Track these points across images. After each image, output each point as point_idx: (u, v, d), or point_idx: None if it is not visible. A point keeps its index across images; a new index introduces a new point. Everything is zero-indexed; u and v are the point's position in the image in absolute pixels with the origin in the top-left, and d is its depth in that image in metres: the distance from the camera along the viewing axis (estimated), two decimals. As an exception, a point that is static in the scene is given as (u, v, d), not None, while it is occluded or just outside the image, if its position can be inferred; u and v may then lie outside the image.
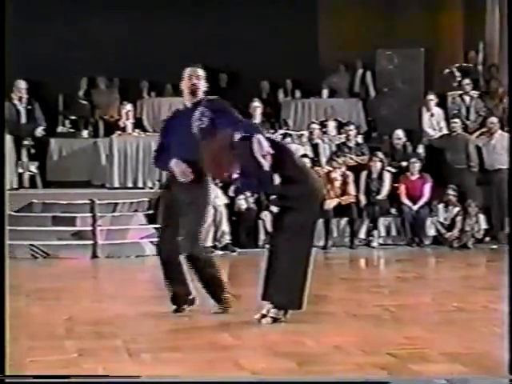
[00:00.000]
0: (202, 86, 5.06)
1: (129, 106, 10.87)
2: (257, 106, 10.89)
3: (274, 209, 9.30)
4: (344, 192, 9.59)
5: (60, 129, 11.57)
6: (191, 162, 4.86)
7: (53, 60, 11.49)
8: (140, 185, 10.20)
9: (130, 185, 10.18)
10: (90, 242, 8.76)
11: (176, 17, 12.29)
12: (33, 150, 10.34)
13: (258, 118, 11.09)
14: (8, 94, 10.39)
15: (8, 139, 9.99)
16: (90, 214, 9.09)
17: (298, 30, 12.26)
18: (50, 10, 11.96)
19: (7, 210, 9.13)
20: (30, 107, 10.42)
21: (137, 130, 10.66)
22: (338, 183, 9.62)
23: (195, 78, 5.04)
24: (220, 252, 9.04)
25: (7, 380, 3.26)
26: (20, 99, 10.41)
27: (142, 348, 4.09)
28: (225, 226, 9.17)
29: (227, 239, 9.17)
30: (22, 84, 10.49)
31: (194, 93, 5.03)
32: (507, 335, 3.82)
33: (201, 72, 5.10)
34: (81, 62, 11.52)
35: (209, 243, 9.10)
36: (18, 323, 4.77)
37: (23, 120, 10.38)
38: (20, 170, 10.16)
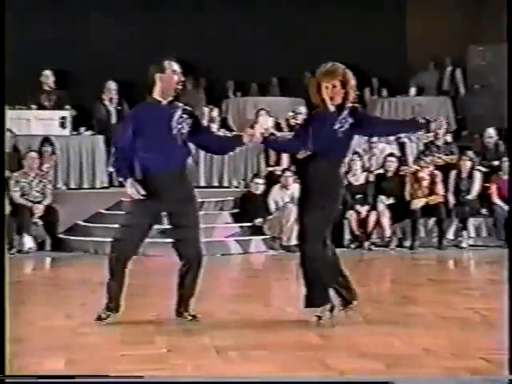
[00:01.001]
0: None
1: (215, 112, 11.00)
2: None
3: (359, 208, 9.31)
4: (432, 192, 9.39)
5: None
6: (172, 164, 4.64)
7: (142, 61, 11.71)
8: (225, 184, 10.29)
9: (215, 184, 10.29)
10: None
11: (263, 17, 12.33)
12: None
13: (343, 117, 11.01)
14: (99, 95, 10.71)
15: (99, 139, 10.29)
16: (177, 213, 9.22)
17: (385, 28, 12.10)
18: (139, 10, 12.21)
19: (100, 209, 9.48)
20: (119, 107, 10.69)
21: (222, 130, 10.74)
22: (425, 183, 9.43)
23: (181, 75, 4.70)
24: (305, 251, 9.01)
25: (7, 380, 3.29)
26: (110, 100, 10.70)
27: (230, 346, 4.11)
28: (310, 226, 9.12)
29: (312, 238, 9.12)
30: (112, 85, 10.77)
31: (175, 91, 4.67)
32: (507, 335, 3.79)
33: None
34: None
35: (293, 242, 9.09)
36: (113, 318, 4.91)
37: (113, 120, 10.65)
38: (110, 169, 10.41)
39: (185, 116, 4.71)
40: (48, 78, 10.95)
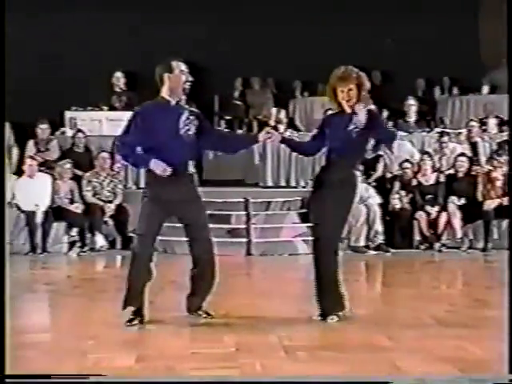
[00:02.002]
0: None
1: (282, 114, 10.98)
2: (411, 104, 10.66)
3: (429, 209, 9.15)
4: (506, 192, 9.14)
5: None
6: (177, 164, 4.65)
7: (208, 61, 11.80)
8: (293, 184, 10.26)
9: (282, 184, 10.27)
10: (245, 239, 8.91)
11: (329, 17, 12.26)
12: (190, 150, 10.70)
13: (412, 116, 10.84)
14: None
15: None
16: (244, 213, 9.27)
17: (456, 27, 11.86)
18: (204, 11, 12.29)
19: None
20: (187, 108, 10.79)
21: (289, 130, 10.72)
22: (499, 183, 9.18)
23: (188, 75, 4.74)
24: (373, 252, 8.92)
25: (7, 380, 3.30)
26: (179, 101, 10.82)
27: (298, 346, 4.08)
28: (378, 226, 9.03)
29: (381, 239, 9.02)
30: (180, 86, 10.89)
31: (183, 90, 4.73)
32: (507, 335, 3.74)
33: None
34: (235, 63, 11.76)
35: (361, 243, 9.00)
36: (180, 316, 4.95)
37: (181, 121, 10.77)
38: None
39: (192, 118, 4.75)
40: (119, 79, 11.16)
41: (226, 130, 11.89)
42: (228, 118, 12.06)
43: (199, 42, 12.01)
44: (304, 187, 10.09)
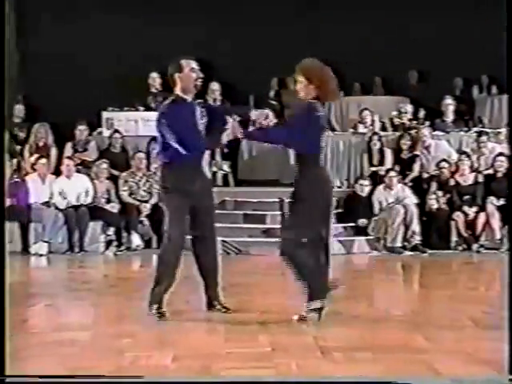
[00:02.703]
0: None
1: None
2: (449, 104, 10.55)
3: (467, 209, 9.03)
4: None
5: (251, 129, 11.85)
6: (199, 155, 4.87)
7: (244, 61, 11.81)
8: (328, 184, 10.19)
9: (318, 184, 10.20)
10: (280, 239, 8.87)
11: (366, 16, 12.18)
12: (226, 150, 10.74)
13: (450, 116, 10.72)
14: (203, 96, 10.89)
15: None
16: (279, 212, 9.24)
17: (495, 25, 11.67)
18: (241, 13, 12.31)
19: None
20: (223, 108, 10.84)
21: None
22: (539, 183, 9.03)
23: (199, 72, 4.87)
24: (409, 253, 8.84)
25: (7, 380, 3.31)
26: (214, 100, 10.86)
27: (334, 346, 4.06)
28: (415, 226, 8.94)
29: (417, 239, 8.93)
30: (215, 86, 10.94)
31: (195, 87, 4.87)
32: (507, 335, 3.70)
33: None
34: (271, 63, 11.75)
35: (398, 243, 8.93)
36: (215, 315, 4.96)
37: (217, 121, 10.80)
38: (214, 169, 10.58)
39: (203, 111, 4.90)
40: (155, 80, 11.22)
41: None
42: (263, 118, 12.03)
43: (235, 43, 12.04)
44: (339, 187, 10.04)
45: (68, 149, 10.14)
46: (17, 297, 5.90)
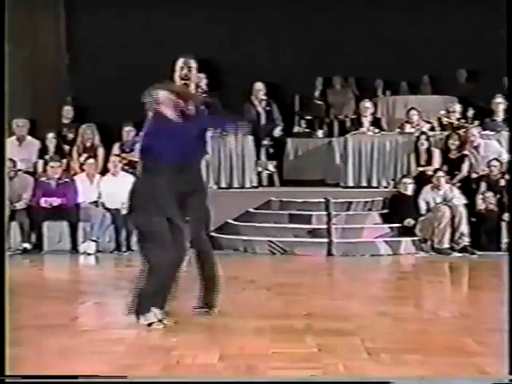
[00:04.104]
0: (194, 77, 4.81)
1: (368, 104, 10.79)
2: (499, 102, 10.36)
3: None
4: None
5: (296, 129, 11.85)
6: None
7: (289, 61, 11.79)
8: (374, 184, 10.13)
9: (364, 184, 10.15)
10: (325, 239, 8.86)
11: (414, 16, 12.06)
12: (271, 150, 10.74)
13: (500, 115, 10.53)
14: (248, 97, 10.90)
15: (249, 139, 10.47)
16: (324, 213, 9.21)
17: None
18: (288, 13, 12.28)
19: (249, 208, 9.65)
20: (268, 108, 10.84)
21: (371, 129, 10.58)
22: None
23: (187, 69, 4.80)
24: (458, 254, 8.70)
25: (7, 380, 3.30)
26: (259, 101, 10.87)
27: (381, 348, 4.01)
28: (464, 227, 8.80)
29: (466, 241, 8.79)
30: (260, 86, 10.93)
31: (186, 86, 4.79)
32: (507, 335, 3.66)
33: (193, 63, 4.82)
34: (316, 62, 11.70)
35: (445, 245, 8.80)
36: (261, 315, 4.96)
37: (262, 121, 10.82)
38: (259, 169, 10.58)
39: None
40: (201, 80, 11.26)
41: (307, 130, 11.87)
42: (308, 117, 12.01)
43: (284, 43, 12.01)
44: (386, 187, 9.95)
45: (116, 149, 10.27)
46: (67, 294, 6.01)
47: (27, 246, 9.11)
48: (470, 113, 10.53)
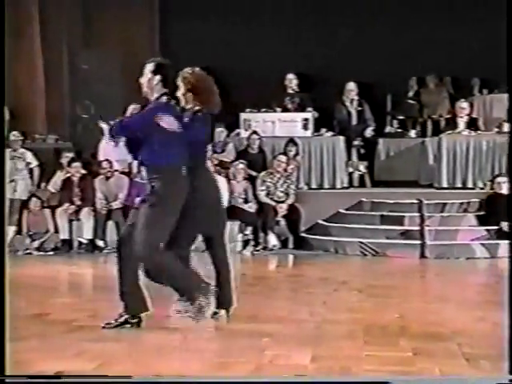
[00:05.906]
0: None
1: (464, 104, 10.51)
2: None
3: None
4: None
5: (388, 129, 11.66)
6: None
7: (382, 61, 11.62)
8: (470, 185, 9.85)
9: (458, 185, 9.89)
10: (418, 241, 8.67)
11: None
12: (362, 150, 10.63)
13: None
14: (340, 97, 10.82)
15: (340, 140, 10.39)
16: (417, 214, 9.02)
17: None
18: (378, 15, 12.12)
19: (339, 208, 9.58)
20: (360, 108, 10.73)
21: (467, 130, 10.27)
22: None
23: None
24: None
25: (7, 380, 3.28)
26: (351, 101, 10.77)
27: (479, 354, 3.88)
28: None
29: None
30: (352, 86, 10.83)
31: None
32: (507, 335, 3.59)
33: (150, 67, 4.76)
34: (410, 62, 11.48)
35: None
36: (354, 317, 4.90)
37: (354, 121, 10.72)
38: (350, 170, 10.49)
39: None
40: (291, 81, 11.28)
41: (399, 130, 11.66)
42: (401, 117, 11.80)
43: (376, 42, 11.84)
44: (482, 188, 9.65)
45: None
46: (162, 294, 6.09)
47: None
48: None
